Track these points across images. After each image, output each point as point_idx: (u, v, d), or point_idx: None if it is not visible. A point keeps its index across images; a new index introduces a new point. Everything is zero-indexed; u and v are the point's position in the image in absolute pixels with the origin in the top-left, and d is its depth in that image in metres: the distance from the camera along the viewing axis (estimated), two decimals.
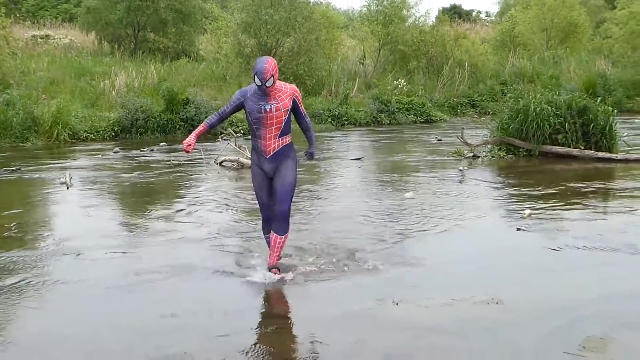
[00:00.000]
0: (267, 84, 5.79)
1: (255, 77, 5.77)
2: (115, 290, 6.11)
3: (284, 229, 6.24)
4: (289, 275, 6.28)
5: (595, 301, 5.79)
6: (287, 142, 6.18)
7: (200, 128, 6.21)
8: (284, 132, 6.10)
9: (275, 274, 6.27)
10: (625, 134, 15.62)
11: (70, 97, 20.02)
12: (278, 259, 6.39)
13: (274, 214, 6.25)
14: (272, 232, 6.30)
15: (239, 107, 6.12)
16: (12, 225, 8.63)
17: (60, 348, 4.94)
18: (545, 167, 13.08)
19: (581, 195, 10.26)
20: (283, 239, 6.29)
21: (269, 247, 6.43)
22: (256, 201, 6.70)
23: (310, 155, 6.62)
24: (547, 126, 13.83)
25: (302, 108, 6.19)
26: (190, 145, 6.06)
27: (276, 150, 6.11)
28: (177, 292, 6.07)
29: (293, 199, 6.47)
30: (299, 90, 6.26)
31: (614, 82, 26.22)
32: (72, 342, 5.01)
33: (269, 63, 5.78)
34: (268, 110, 5.92)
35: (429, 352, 4.85)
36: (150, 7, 29.03)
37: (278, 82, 6.00)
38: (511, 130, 14.40)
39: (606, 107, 14.19)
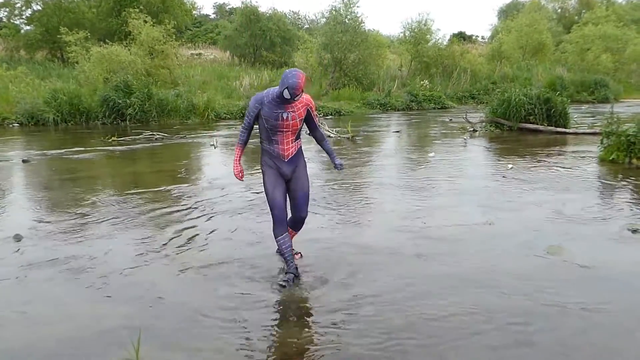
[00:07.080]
0: (296, 99, 4.08)
1: (286, 90, 3.99)
2: (243, 210, 6.24)
3: (300, 228, 4.62)
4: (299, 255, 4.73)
5: (551, 222, 5.65)
6: (300, 145, 4.41)
7: (238, 152, 4.51)
8: (298, 136, 4.35)
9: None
10: (575, 116, 15.10)
11: (214, 92, 20.18)
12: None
13: (294, 218, 4.51)
14: (289, 229, 4.50)
15: (258, 115, 4.23)
16: (181, 170, 8.87)
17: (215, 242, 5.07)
18: (521, 137, 12.65)
19: (544, 155, 9.92)
20: (297, 233, 4.68)
21: (281, 250, 4.35)
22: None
23: (340, 167, 4.51)
24: (523, 110, 13.39)
25: (316, 119, 4.40)
26: (240, 173, 4.52)
27: (293, 153, 4.33)
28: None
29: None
30: (313, 101, 4.38)
31: (567, 82, 25.17)
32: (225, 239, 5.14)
33: (301, 79, 3.99)
34: (285, 118, 4.16)
35: (440, 251, 4.83)
36: (265, 34, 29.40)
37: None
38: (498, 113, 13.94)
39: (562, 98, 13.74)
